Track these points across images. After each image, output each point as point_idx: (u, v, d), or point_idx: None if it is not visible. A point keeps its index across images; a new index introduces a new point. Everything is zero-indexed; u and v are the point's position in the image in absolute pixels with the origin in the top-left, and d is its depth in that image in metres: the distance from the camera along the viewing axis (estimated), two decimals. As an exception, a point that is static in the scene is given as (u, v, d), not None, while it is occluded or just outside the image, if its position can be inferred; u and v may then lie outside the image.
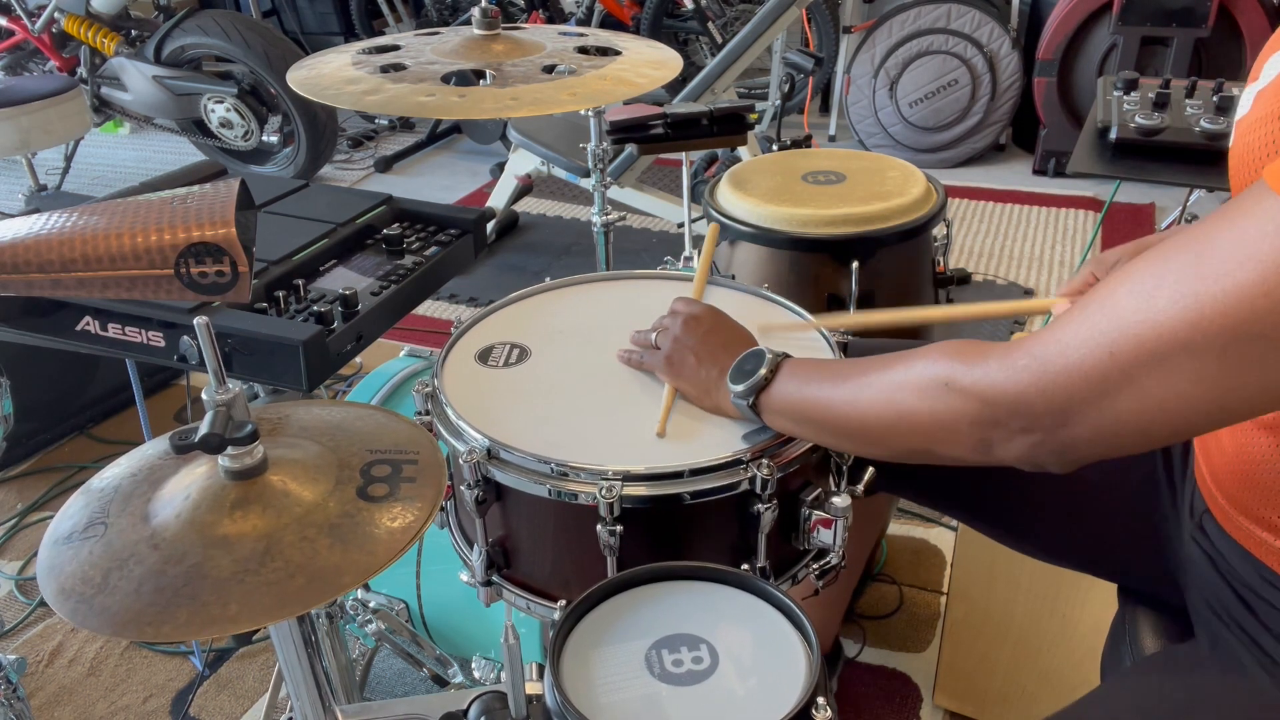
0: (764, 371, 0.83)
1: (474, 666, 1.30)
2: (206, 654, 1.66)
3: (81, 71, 3.58)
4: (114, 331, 1.06)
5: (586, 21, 4.27)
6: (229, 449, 0.66)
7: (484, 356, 1.00)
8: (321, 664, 0.83)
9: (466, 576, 0.94)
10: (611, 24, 4.30)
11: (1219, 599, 0.80)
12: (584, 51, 1.22)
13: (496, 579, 0.92)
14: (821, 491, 0.89)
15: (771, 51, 3.64)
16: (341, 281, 1.16)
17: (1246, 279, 0.54)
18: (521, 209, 3.45)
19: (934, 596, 1.73)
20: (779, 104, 2.76)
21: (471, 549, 0.93)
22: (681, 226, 1.69)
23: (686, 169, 1.56)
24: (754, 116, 1.50)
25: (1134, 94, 1.65)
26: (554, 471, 0.82)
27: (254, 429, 0.66)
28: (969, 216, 3.28)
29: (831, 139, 3.98)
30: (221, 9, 3.86)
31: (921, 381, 0.71)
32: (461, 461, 0.84)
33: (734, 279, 1.15)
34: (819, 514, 0.87)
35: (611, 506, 0.79)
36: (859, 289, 1.30)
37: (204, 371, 0.66)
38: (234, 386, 0.66)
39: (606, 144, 1.45)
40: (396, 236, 1.24)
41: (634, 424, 0.88)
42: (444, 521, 1.01)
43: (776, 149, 1.64)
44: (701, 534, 0.86)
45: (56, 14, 3.48)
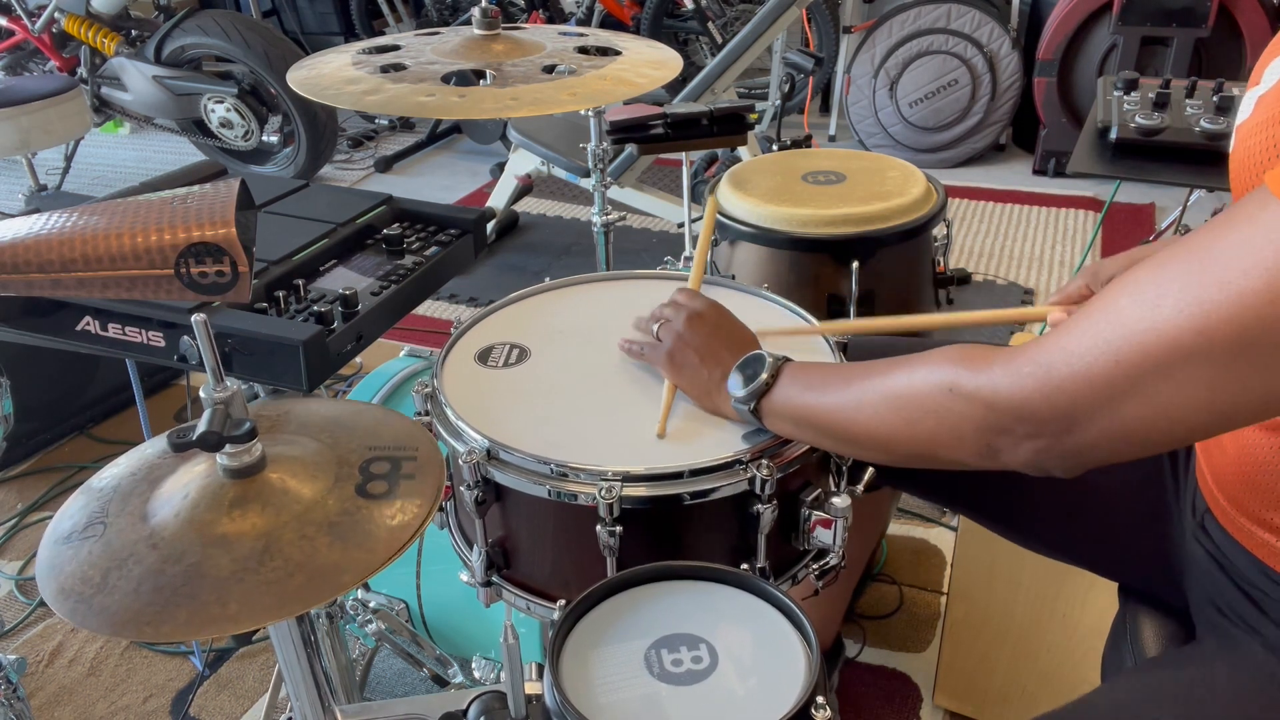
0: (765, 376, 0.82)
1: (474, 666, 1.30)
2: (206, 654, 1.66)
3: (82, 71, 3.58)
4: (114, 331, 1.06)
5: (586, 21, 4.27)
6: (227, 447, 0.66)
7: (484, 357, 1.00)
8: (321, 664, 0.83)
9: (466, 577, 0.94)
10: (611, 24, 4.30)
11: (1222, 595, 0.80)
12: (584, 51, 1.22)
13: (496, 579, 0.92)
14: (821, 492, 0.89)
15: (771, 51, 3.64)
16: (341, 281, 1.16)
17: (1252, 286, 0.54)
18: (521, 209, 3.45)
19: (934, 596, 1.73)
20: (779, 104, 2.75)
21: (471, 549, 0.93)
22: (681, 226, 1.69)
23: (686, 169, 1.56)
24: (754, 116, 1.49)
25: (1134, 94, 1.65)
26: (553, 472, 0.82)
27: (252, 427, 0.66)
28: (969, 216, 3.28)
29: (831, 139, 3.98)
30: (221, 9, 3.86)
31: (925, 387, 0.70)
32: (461, 462, 0.84)
33: (734, 279, 1.15)
34: (819, 514, 0.87)
35: (611, 507, 0.79)
36: (859, 289, 1.30)
37: (204, 371, 0.66)
38: (232, 384, 0.66)
39: (606, 144, 1.44)
40: (396, 236, 1.24)
41: (634, 424, 0.88)
42: (444, 522, 1.01)
43: (776, 149, 1.64)
44: (701, 534, 0.85)
45: (57, 14, 3.48)
